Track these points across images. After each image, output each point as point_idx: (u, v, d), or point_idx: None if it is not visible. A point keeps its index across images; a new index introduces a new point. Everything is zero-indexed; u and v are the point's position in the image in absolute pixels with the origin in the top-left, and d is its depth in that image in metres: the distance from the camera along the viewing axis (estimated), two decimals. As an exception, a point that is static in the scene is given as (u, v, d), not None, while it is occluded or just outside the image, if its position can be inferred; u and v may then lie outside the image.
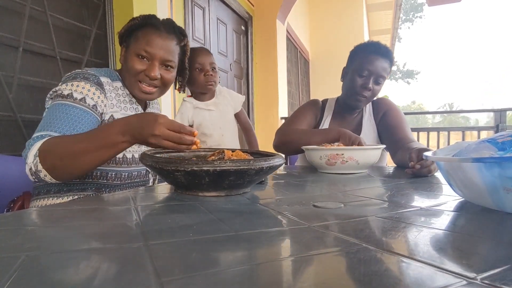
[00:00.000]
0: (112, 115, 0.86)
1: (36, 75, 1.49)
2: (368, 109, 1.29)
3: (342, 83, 1.27)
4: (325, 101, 1.36)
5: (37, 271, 0.27)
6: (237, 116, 1.55)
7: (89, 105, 0.79)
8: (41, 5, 1.49)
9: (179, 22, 2.44)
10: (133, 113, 0.92)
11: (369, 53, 1.15)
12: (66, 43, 1.64)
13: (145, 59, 0.87)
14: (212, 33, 2.99)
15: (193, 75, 1.35)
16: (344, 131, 1.05)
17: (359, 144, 0.97)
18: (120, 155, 0.87)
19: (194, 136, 0.67)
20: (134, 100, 0.94)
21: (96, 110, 0.81)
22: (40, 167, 0.68)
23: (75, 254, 0.31)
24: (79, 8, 1.72)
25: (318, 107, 1.34)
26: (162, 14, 2.00)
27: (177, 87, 1.13)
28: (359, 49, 1.20)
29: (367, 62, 1.14)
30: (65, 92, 0.78)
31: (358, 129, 1.25)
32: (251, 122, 1.68)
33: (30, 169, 0.69)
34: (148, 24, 0.89)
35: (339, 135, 1.05)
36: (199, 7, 2.78)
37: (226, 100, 1.49)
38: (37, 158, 0.68)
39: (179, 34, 0.94)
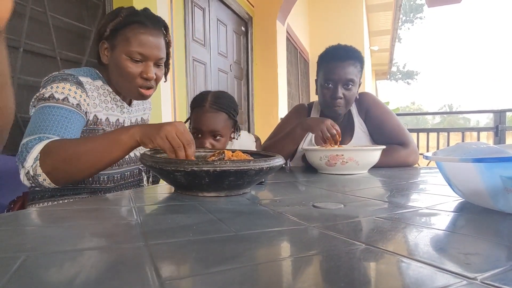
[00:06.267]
0: (95, 115, 0.83)
1: (36, 75, 1.49)
2: (355, 108, 1.26)
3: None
4: (311, 104, 1.35)
5: (37, 271, 0.27)
6: None
7: (72, 104, 0.77)
8: (41, 5, 1.49)
9: (179, 22, 2.44)
10: (119, 112, 0.91)
11: (329, 61, 1.13)
12: (66, 43, 1.64)
13: (138, 61, 0.84)
14: (212, 33, 2.99)
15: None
16: (310, 122, 1.01)
17: (337, 131, 0.96)
18: None
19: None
20: (118, 97, 0.90)
21: (81, 109, 0.79)
22: (39, 171, 0.66)
23: (75, 254, 0.31)
24: (79, 8, 1.72)
25: (303, 110, 1.32)
26: (162, 15, 2.00)
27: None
28: (320, 59, 1.18)
29: (328, 72, 1.11)
30: (46, 95, 0.76)
31: (350, 131, 1.22)
32: (252, 126, 1.63)
33: (27, 173, 0.67)
34: (134, 21, 0.83)
35: (307, 128, 1.02)
36: (199, 8, 2.78)
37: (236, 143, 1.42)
38: (38, 161, 0.66)
39: (164, 28, 0.90)
